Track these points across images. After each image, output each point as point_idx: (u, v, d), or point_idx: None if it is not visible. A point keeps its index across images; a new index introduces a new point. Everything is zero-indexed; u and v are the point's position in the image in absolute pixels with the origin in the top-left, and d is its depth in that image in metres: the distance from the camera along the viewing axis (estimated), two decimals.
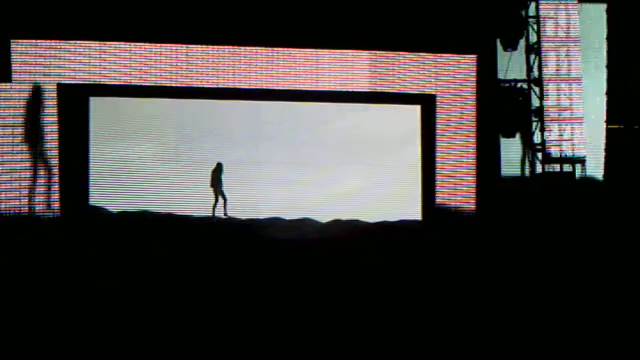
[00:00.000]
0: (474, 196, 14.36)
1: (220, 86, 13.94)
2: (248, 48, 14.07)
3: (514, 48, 14.78)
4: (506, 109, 14.46)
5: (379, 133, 14.36)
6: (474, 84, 14.42)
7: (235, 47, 14.09)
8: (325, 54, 14.28)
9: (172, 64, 13.89)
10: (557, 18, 15.25)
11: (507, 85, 14.83)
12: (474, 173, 14.37)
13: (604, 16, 15.75)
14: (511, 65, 15.62)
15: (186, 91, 14.04)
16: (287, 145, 14.20)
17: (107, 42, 13.71)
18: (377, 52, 14.28)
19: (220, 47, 14.03)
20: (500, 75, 15.07)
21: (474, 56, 14.63)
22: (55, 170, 13.44)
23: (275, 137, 14.13)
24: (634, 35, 15.60)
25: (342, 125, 14.33)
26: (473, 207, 14.35)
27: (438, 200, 14.19)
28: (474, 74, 14.47)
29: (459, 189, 14.45)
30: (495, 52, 14.93)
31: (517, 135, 14.90)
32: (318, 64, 14.22)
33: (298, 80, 14.18)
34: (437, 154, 14.30)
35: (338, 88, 14.23)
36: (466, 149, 14.43)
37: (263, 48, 14.12)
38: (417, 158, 14.37)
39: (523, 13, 14.95)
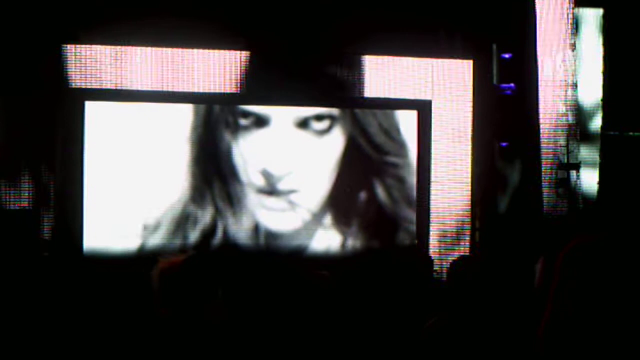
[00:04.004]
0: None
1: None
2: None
3: (510, 53, 14.73)
4: (501, 115, 14.43)
5: None
6: (470, 89, 14.35)
7: (239, 51, 13.85)
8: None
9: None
10: (553, 23, 15.22)
11: (502, 90, 14.81)
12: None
13: (601, 21, 15.72)
14: (506, 71, 15.58)
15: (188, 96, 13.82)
16: None
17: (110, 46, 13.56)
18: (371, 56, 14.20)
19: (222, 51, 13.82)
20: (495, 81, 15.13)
21: (469, 61, 14.56)
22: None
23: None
24: (631, 40, 15.56)
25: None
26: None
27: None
28: (470, 79, 14.41)
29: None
30: (491, 57, 14.95)
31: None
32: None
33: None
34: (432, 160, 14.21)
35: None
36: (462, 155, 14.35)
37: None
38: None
39: None
